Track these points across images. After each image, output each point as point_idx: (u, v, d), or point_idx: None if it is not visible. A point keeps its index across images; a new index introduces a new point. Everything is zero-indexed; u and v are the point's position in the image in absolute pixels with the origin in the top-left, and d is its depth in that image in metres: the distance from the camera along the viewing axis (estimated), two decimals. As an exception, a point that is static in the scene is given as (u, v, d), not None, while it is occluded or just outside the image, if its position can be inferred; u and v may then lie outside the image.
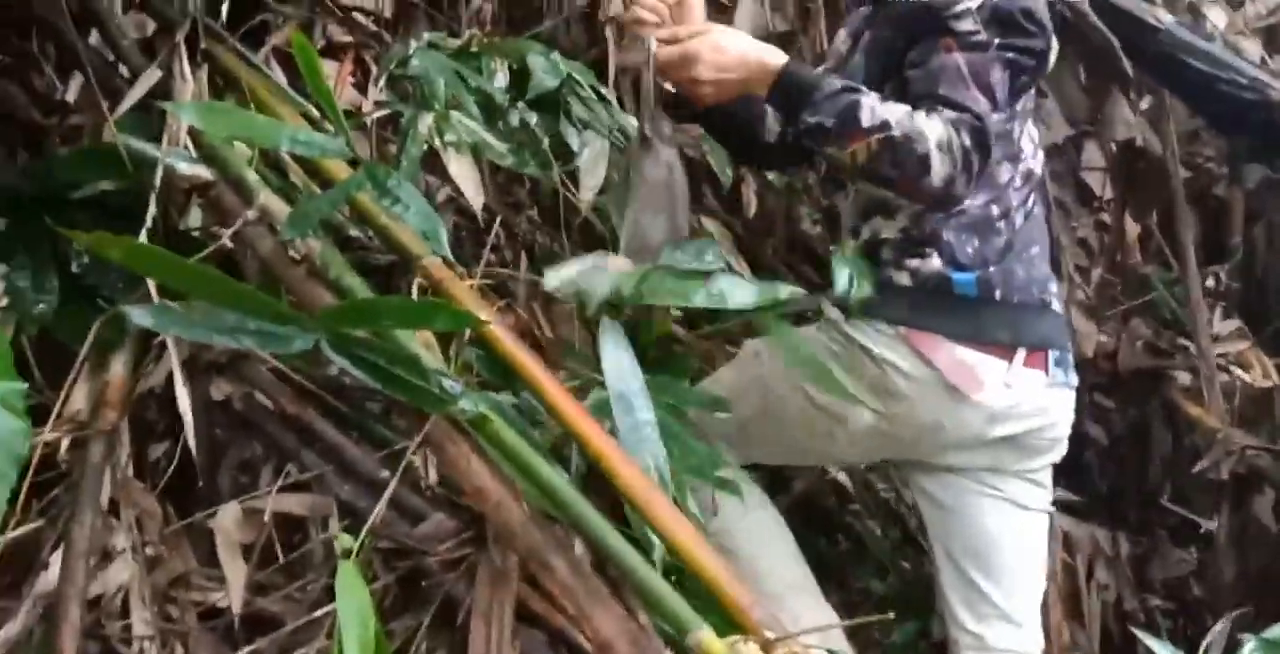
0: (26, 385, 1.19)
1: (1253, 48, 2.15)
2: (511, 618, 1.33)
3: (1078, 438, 2.60)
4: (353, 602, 1.03)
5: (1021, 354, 1.49)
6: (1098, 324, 2.61)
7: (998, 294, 1.48)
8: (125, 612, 1.24)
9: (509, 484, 1.18)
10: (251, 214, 1.35)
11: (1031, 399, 1.51)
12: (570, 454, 1.31)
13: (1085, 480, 2.53)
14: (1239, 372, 2.69)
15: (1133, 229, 2.94)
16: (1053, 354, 1.53)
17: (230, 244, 1.40)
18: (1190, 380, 2.50)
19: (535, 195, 2.21)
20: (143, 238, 1.32)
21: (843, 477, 2.28)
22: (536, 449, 1.16)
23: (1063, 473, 2.53)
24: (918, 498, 1.68)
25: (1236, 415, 2.35)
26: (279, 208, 1.36)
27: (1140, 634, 1.37)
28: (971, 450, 1.55)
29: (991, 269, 1.48)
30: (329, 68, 1.89)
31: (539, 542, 1.15)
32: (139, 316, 1.16)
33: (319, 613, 1.26)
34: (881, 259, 1.50)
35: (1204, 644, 1.42)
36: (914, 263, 1.48)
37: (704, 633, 1.01)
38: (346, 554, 1.11)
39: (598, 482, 1.25)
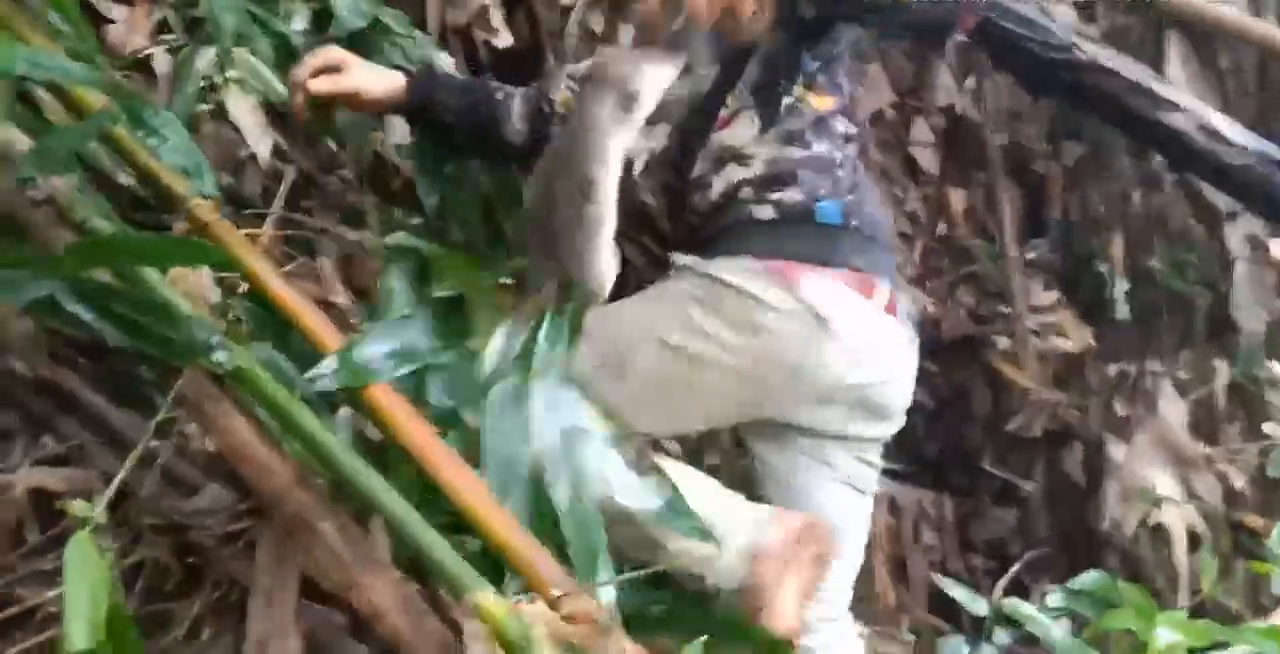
0: None
1: (1066, 12, 2.20)
2: (296, 594, 1.23)
3: (904, 403, 2.67)
4: (82, 575, 0.91)
5: (883, 290, 1.48)
6: (923, 293, 2.65)
7: (855, 223, 1.48)
8: None
9: (273, 444, 1.07)
10: None
11: (886, 342, 1.50)
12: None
13: (910, 445, 2.57)
14: (1057, 340, 2.79)
15: (958, 202, 3.02)
16: (900, 303, 1.52)
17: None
18: (1010, 346, 2.56)
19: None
20: None
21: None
22: (306, 403, 1.06)
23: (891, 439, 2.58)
24: (760, 472, 1.61)
25: (1051, 378, 2.42)
26: (23, 143, 1.21)
27: (938, 579, 1.37)
28: (828, 406, 1.50)
29: (849, 198, 1.49)
30: (122, 12, 1.74)
31: (306, 505, 1.05)
32: None
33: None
34: (740, 199, 1.48)
35: (997, 587, 1.43)
36: (775, 195, 1.47)
37: (481, 594, 0.93)
38: (83, 525, 0.98)
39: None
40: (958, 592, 1.35)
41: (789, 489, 1.56)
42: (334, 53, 1.53)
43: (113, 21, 1.69)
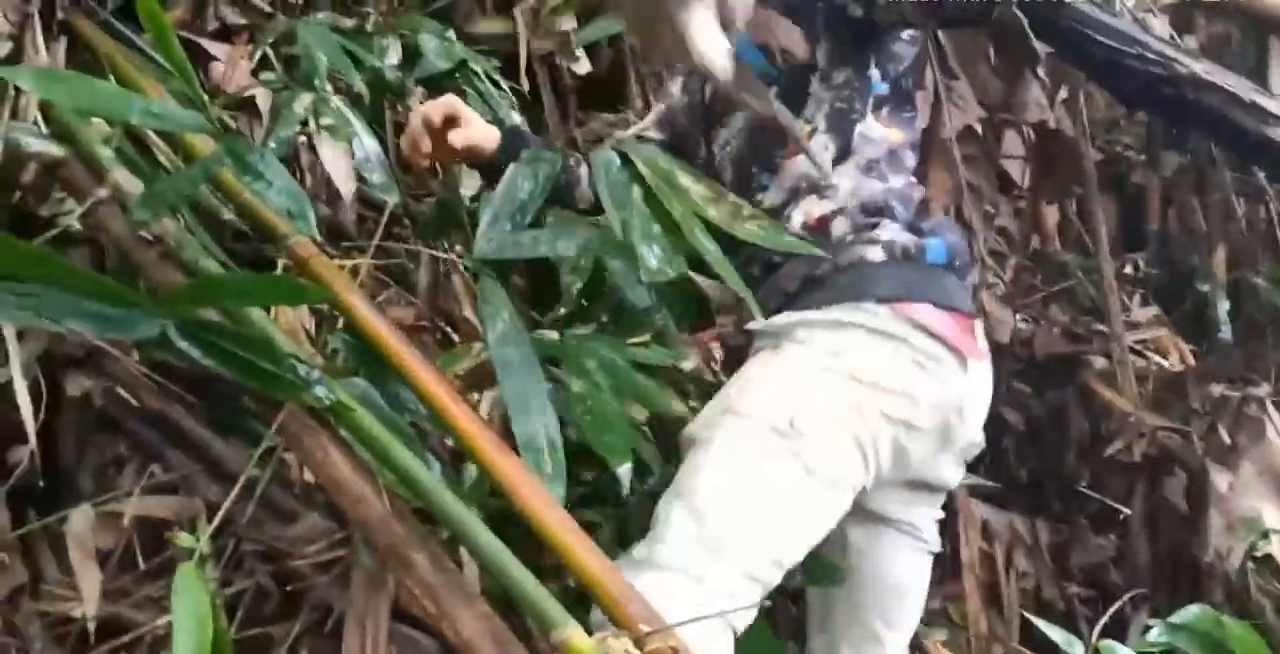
0: None
1: (1160, 25, 2.14)
2: (387, 620, 1.26)
3: (995, 424, 2.61)
4: (189, 604, 0.94)
5: (980, 332, 1.42)
6: (1014, 311, 2.59)
7: (958, 262, 1.41)
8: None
9: (369, 476, 1.09)
10: (103, 193, 1.26)
11: (986, 387, 1.43)
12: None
13: (1003, 467, 2.51)
14: (1156, 357, 2.70)
15: (1051, 216, 2.94)
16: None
17: (82, 226, 1.31)
18: (1106, 365, 2.49)
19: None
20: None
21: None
22: (400, 437, 1.08)
23: (981, 459, 2.53)
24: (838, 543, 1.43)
25: (1150, 399, 2.34)
26: (135, 187, 1.27)
27: (1033, 619, 1.34)
28: (950, 457, 1.43)
29: (949, 236, 1.41)
30: (223, 49, 1.81)
31: (400, 536, 1.07)
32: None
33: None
34: (835, 238, 1.37)
35: (1095, 628, 1.39)
36: (876, 233, 1.37)
37: (570, 630, 0.94)
38: (189, 554, 1.02)
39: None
40: (1055, 634, 1.31)
41: (858, 555, 1.45)
42: (455, 103, 1.48)
43: (215, 58, 1.76)
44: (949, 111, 2.26)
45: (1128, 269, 3.03)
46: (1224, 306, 2.45)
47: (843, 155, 1.42)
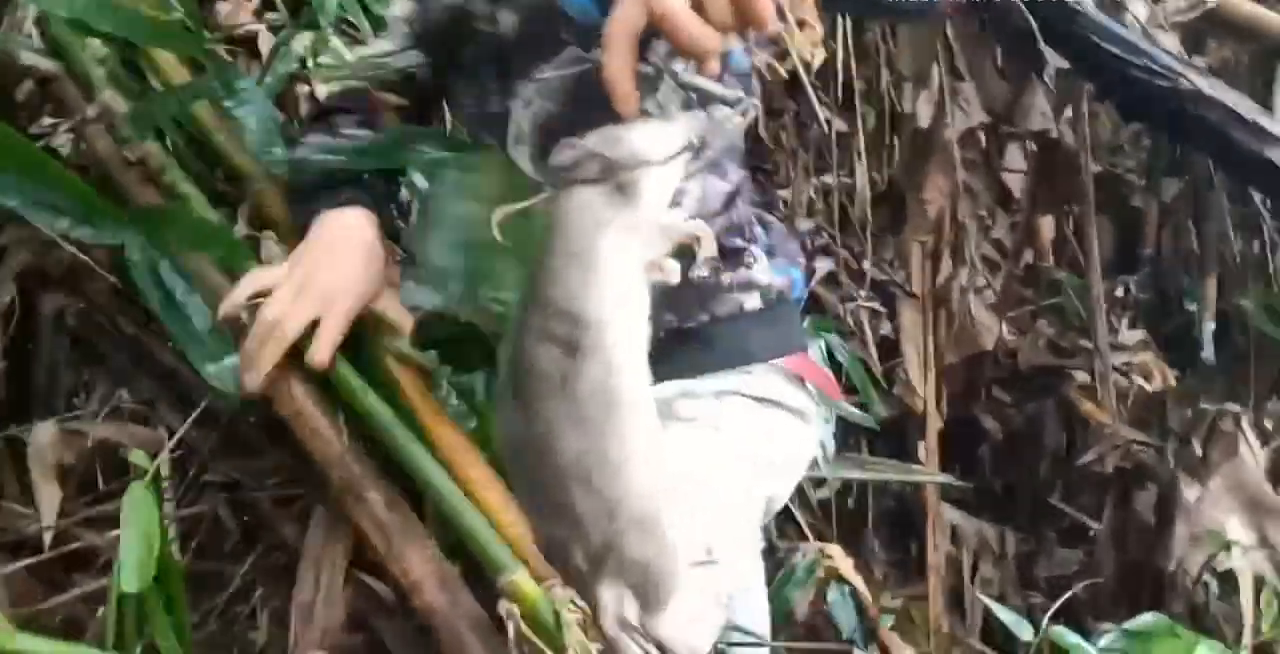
0: None
1: (1170, 41, 2.15)
2: (345, 564, 1.25)
3: (972, 431, 2.62)
4: (138, 522, 0.94)
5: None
6: (1001, 320, 2.60)
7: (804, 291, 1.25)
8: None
9: (331, 413, 1.09)
10: (92, 112, 1.26)
11: None
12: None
13: (976, 474, 2.52)
14: (1139, 379, 2.70)
15: (1047, 232, 2.95)
16: None
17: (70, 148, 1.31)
18: (1088, 381, 2.50)
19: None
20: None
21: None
22: (360, 375, 1.07)
23: (956, 465, 2.53)
24: None
25: (1129, 416, 2.35)
26: (123, 108, 1.26)
27: (986, 601, 1.33)
28: None
29: (791, 253, 1.22)
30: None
31: (355, 474, 1.07)
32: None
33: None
34: (709, 285, 1.12)
35: (1046, 616, 1.39)
36: (752, 274, 1.14)
37: (518, 574, 0.94)
38: (141, 475, 1.01)
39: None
40: (1005, 615, 1.31)
41: None
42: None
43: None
44: (952, 113, 2.27)
45: (1119, 291, 3.04)
46: (1209, 328, 2.45)
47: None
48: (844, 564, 1.89)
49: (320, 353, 1.03)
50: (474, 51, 1.10)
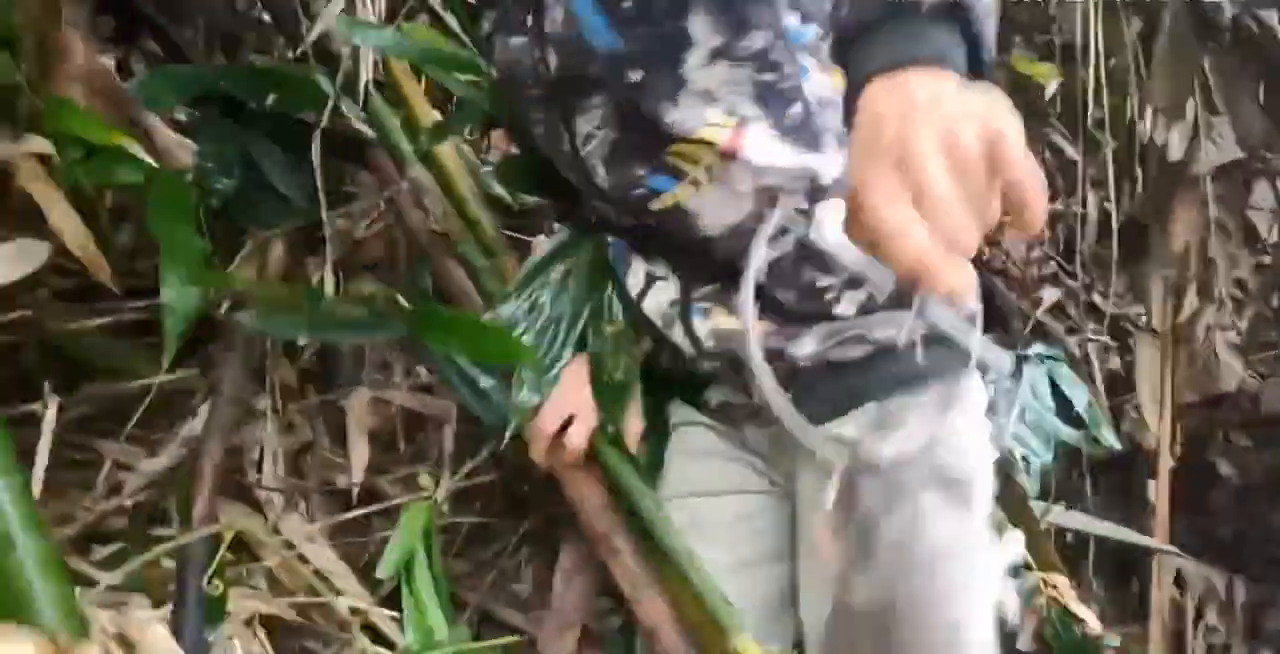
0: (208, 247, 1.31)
1: None
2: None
3: (1208, 475, 2.53)
4: (407, 533, 1.20)
5: None
6: (1244, 363, 2.51)
7: None
8: (259, 467, 1.33)
9: (595, 473, 1.23)
10: (404, 186, 1.44)
11: None
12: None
13: (1208, 520, 2.44)
14: (1394, 434, 2.55)
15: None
16: None
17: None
18: (1337, 430, 2.38)
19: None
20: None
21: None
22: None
23: (1186, 508, 2.45)
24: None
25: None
26: (428, 181, 1.44)
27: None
28: None
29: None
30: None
31: (611, 524, 1.21)
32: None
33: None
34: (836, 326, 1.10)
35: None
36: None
37: (743, 637, 1.07)
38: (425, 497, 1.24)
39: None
40: None
41: None
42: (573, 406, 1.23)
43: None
44: (1205, 147, 2.23)
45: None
46: None
47: (806, 136, 1.04)
48: (1068, 594, 1.88)
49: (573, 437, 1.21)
50: (535, 95, 1.12)
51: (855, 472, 0.66)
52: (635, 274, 1.18)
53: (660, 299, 1.16)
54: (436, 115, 1.55)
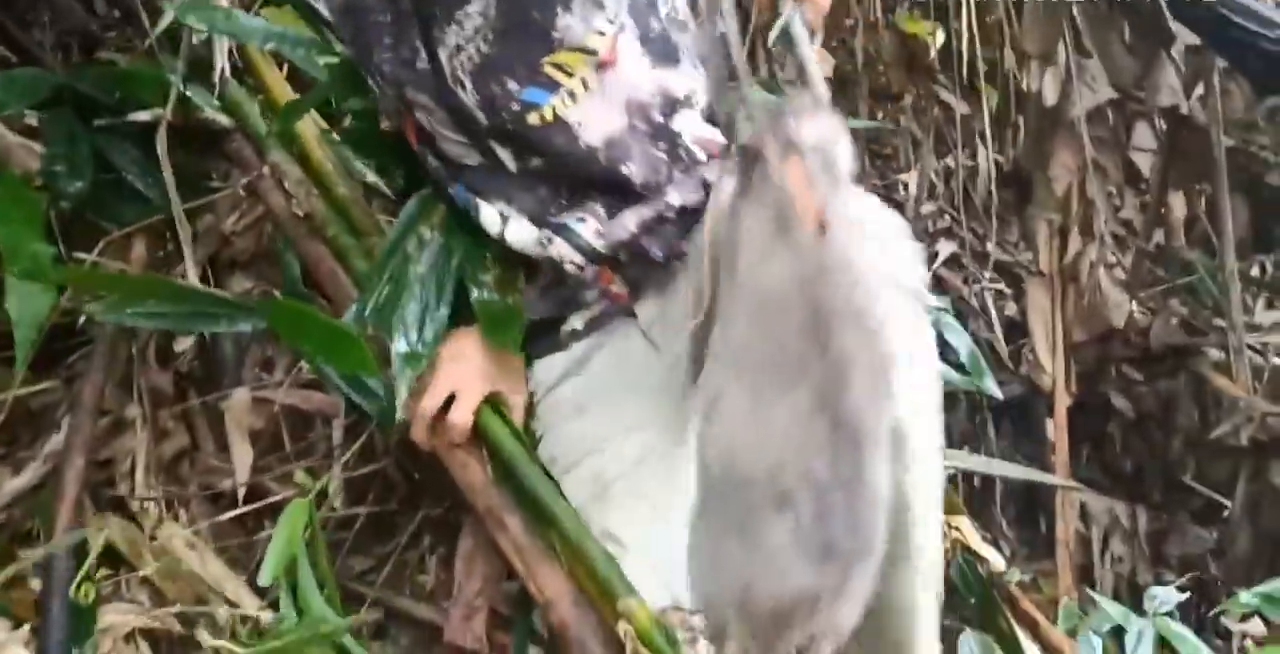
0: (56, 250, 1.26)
1: (1305, 12, 2.10)
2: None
3: (1103, 409, 2.61)
4: (284, 534, 1.14)
5: None
6: (1131, 298, 2.58)
7: None
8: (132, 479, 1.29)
9: (477, 450, 1.21)
10: (265, 170, 1.39)
11: None
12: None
13: (1107, 453, 2.51)
14: (1276, 359, 2.65)
15: (1178, 210, 2.91)
16: None
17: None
18: (1221, 359, 2.47)
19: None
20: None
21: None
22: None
23: (1085, 443, 2.53)
24: None
25: (1264, 391, 2.32)
26: (289, 166, 1.39)
27: (1092, 594, 1.34)
28: None
29: None
30: None
31: (497, 501, 1.18)
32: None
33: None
34: None
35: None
36: None
37: (635, 600, 1.06)
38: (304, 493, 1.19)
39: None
40: (1111, 608, 1.36)
41: None
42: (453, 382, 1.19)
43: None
44: (1079, 90, 2.27)
45: (1254, 271, 2.98)
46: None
47: (667, 49, 1.10)
48: (972, 536, 1.93)
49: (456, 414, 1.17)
50: (384, 21, 1.10)
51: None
52: (488, 214, 1.16)
53: (521, 228, 1.15)
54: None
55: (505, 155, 1.12)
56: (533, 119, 1.07)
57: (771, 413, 0.69)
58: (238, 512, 1.31)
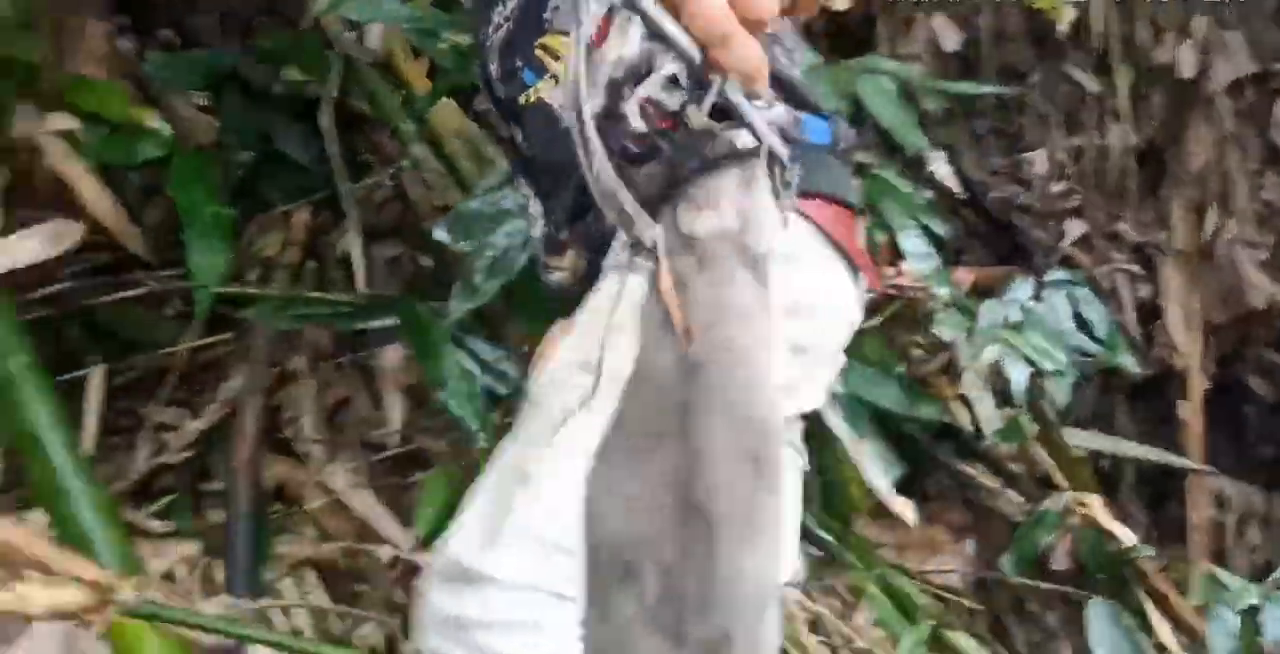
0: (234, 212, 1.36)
1: None
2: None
3: (1242, 393, 2.52)
4: None
5: None
6: (1274, 280, 2.49)
7: None
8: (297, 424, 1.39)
9: None
10: (405, 163, 1.47)
11: None
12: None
13: (1245, 438, 2.44)
14: None
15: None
16: None
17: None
18: (1372, 342, 2.37)
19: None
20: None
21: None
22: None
23: (1220, 427, 2.45)
24: None
25: None
26: (428, 158, 1.48)
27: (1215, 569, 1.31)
28: None
29: None
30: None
31: None
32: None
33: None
34: None
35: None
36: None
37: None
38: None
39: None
40: (1230, 580, 1.34)
41: None
42: None
43: None
44: (1217, 64, 2.21)
45: None
46: None
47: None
48: (1100, 512, 1.90)
49: None
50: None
51: (671, 251, 0.66)
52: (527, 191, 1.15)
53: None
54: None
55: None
56: (522, 100, 1.07)
57: (632, 480, 0.65)
58: (390, 453, 1.39)
